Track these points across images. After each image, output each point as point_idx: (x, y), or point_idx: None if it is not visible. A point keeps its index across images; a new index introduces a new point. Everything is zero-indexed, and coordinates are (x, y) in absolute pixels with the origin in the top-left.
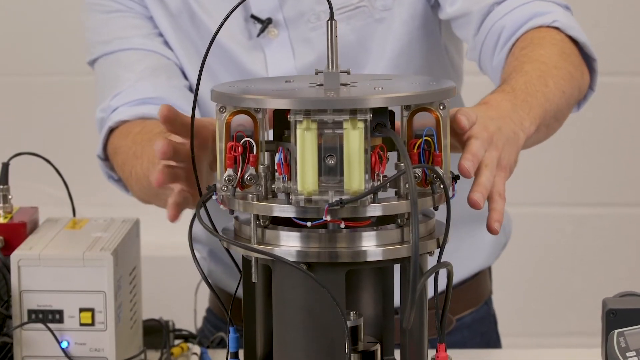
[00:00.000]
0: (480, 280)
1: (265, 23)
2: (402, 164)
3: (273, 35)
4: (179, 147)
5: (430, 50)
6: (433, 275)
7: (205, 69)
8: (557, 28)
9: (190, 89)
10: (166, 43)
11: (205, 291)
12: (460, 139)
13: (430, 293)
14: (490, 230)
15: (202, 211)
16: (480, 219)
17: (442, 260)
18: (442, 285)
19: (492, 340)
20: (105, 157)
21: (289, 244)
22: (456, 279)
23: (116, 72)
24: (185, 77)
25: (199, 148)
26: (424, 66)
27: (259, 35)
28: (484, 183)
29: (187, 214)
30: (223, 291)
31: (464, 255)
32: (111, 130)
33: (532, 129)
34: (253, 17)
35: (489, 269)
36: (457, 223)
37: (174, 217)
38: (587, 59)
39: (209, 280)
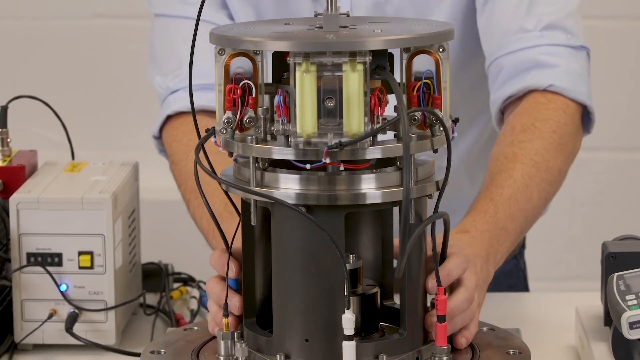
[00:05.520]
0: None
1: None
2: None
3: None
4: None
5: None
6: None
7: (252, 6)
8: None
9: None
10: (231, 16)
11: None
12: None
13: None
14: (457, 344)
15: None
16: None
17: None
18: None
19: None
20: (159, 136)
21: (288, 186)
22: None
23: (176, 44)
24: None
25: None
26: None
27: None
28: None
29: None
30: None
31: None
32: (168, 117)
33: (502, 261)
34: None
35: None
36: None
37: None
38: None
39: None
